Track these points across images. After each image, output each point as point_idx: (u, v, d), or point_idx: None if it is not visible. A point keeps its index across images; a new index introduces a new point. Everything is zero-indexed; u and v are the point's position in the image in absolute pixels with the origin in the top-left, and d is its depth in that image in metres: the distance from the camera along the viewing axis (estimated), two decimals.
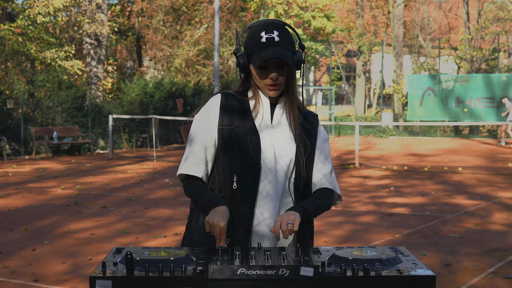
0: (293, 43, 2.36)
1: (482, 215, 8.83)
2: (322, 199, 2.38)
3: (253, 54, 2.32)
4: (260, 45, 2.30)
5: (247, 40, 2.37)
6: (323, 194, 2.41)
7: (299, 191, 2.37)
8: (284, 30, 2.34)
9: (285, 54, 2.29)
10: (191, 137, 2.43)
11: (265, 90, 2.36)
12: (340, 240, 7.22)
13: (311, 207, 2.30)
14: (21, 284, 5.51)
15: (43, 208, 9.52)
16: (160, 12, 30.22)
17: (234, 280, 1.86)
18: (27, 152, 19.33)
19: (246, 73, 2.40)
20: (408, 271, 1.93)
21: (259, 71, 2.33)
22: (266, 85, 2.34)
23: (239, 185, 2.33)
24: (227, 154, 2.35)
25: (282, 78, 2.33)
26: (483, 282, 5.52)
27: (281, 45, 2.30)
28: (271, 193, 2.33)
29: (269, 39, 2.30)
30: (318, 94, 34.86)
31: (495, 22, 31.39)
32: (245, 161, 2.33)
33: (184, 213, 9.11)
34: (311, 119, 2.47)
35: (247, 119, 2.37)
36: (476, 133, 28.65)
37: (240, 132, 2.35)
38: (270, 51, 2.28)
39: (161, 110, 23.38)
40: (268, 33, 2.31)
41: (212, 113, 2.40)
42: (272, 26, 2.33)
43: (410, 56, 36.95)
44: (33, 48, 23.12)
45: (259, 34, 2.32)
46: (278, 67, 2.32)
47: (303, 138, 2.39)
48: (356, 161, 15.69)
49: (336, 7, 36.56)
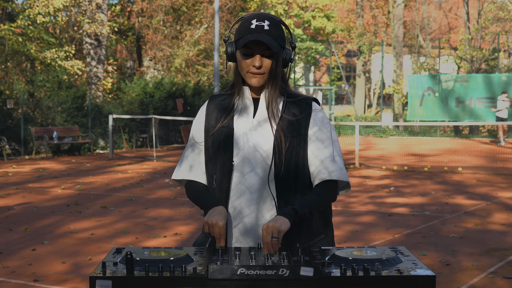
0: (283, 38, 2.34)
1: (482, 215, 8.83)
2: (320, 195, 2.28)
3: (240, 39, 2.31)
4: (249, 30, 2.29)
5: (238, 28, 2.36)
6: (322, 188, 2.30)
7: (283, 181, 2.30)
8: (276, 24, 2.32)
9: (271, 42, 2.26)
10: (188, 142, 2.49)
11: (248, 79, 2.33)
12: (340, 240, 7.21)
13: (304, 208, 2.21)
14: (21, 284, 5.51)
15: (43, 208, 9.52)
16: (160, 12, 30.22)
17: (234, 280, 1.86)
18: (27, 152, 19.33)
19: (233, 62, 2.39)
20: (408, 271, 1.93)
21: (244, 58, 2.31)
22: (248, 72, 2.31)
23: (217, 184, 2.35)
24: (207, 154, 2.39)
25: (266, 67, 2.30)
26: (483, 282, 5.52)
27: (269, 34, 2.28)
28: (249, 188, 2.30)
29: (258, 26, 2.29)
30: (318, 94, 34.88)
31: (495, 22, 31.39)
32: (220, 160, 2.34)
33: (184, 213, 9.12)
34: (304, 106, 2.37)
35: (227, 115, 2.38)
36: (476, 133, 28.65)
37: (217, 131, 2.37)
38: (256, 35, 2.26)
39: (161, 110, 23.38)
40: (259, 21, 2.30)
41: (201, 116, 2.46)
42: (265, 16, 2.32)
43: (410, 56, 36.95)
44: (33, 48, 23.12)
45: (250, 21, 2.31)
46: (264, 57, 2.29)
47: (290, 128, 2.32)
48: (356, 161, 15.69)
49: (336, 7, 36.57)
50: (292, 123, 2.33)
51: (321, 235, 2.40)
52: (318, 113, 2.38)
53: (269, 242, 2.09)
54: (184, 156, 2.47)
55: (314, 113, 2.37)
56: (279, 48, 2.31)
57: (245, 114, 2.37)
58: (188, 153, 2.46)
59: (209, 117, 2.42)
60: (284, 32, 2.36)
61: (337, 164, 2.33)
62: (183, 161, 2.46)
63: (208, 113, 2.43)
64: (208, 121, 2.42)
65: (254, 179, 2.31)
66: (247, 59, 2.30)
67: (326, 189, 2.31)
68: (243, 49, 2.30)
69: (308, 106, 2.38)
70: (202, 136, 2.42)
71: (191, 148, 2.45)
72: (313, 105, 2.39)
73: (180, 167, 2.46)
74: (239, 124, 2.36)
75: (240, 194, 2.31)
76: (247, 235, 2.32)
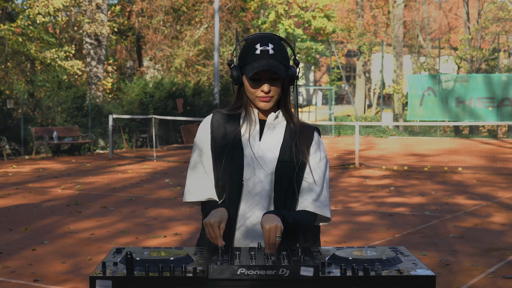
0: (287, 57, 2.37)
1: (482, 215, 8.83)
2: (302, 216, 2.34)
3: (246, 65, 2.33)
4: (254, 56, 2.31)
5: (242, 52, 2.38)
6: (304, 213, 2.36)
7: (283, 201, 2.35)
8: (279, 44, 2.35)
9: (278, 67, 2.29)
10: (191, 162, 2.46)
11: (257, 102, 2.36)
12: (340, 240, 7.22)
13: (290, 218, 2.27)
14: (21, 284, 5.51)
15: (43, 208, 9.52)
16: (160, 12, 30.23)
17: (234, 280, 1.86)
18: (27, 152, 19.33)
19: (239, 85, 2.40)
20: (408, 271, 1.93)
21: (252, 83, 2.33)
22: (257, 97, 2.34)
23: (227, 204, 2.36)
24: (216, 172, 2.39)
25: (274, 91, 2.33)
26: (483, 282, 5.52)
27: (274, 58, 2.31)
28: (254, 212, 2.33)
29: (263, 51, 2.31)
30: (318, 94, 34.90)
31: (495, 22, 31.40)
32: (229, 179, 2.35)
33: (184, 213, 9.12)
34: (307, 135, 2.42)
35: (235, 136, 2.38)
36: (476, 133, 28.66)
37: (226, 150, 2.37)
38: (263, 62, 2.28)
39: (161, 110, 23.39)
40: (263, 46, 2.32)
41: (205, 133, 2.44)
42: (267, 39, 2.34)
43: (410, 56, 36.96)
44: (33, 48, 23.12)
45: (254, 46, 2.33)
46: (271, 80, 2.32)
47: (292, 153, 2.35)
48: (356, 161, 15.70)
49: (336, 7, 36.57)
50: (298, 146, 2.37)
51: None
52: (320, 146, 2.44)
53: (273, 243, 2.12)
54: (190, 178, 2.45)
55: (316, 143, 2.43)
56: (286, 71, 2.34)
57: (252, 135, 2.39)
58: (195, 175, 2.44)
59: (215, 135, 2.41)
60: (287, 50, 2.39)
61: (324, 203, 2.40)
62: (192, 181, 2.44)
63: (213, 131, 2.42)
64: (214, 139, 2.41)
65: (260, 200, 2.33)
66: (255, 85, 2.33)
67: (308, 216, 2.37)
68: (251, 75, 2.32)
69: (311, 134, 2.43)
70: (209, 155, 2.40)
71: (196, 170, 2.44)
72: (315, 135, 2.44)
73: (191, 189, 2.45)
74: (248, 145, 2.37)
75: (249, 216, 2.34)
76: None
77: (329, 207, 2.43)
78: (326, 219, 2.45)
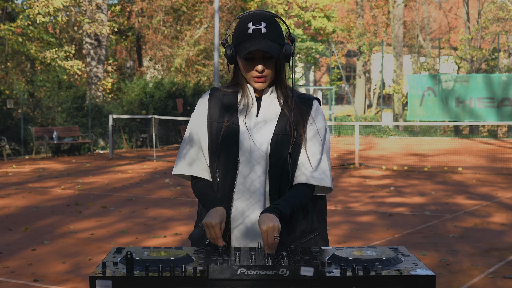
0: (281, 35, 2.32)
1: (482, 215, 8.83)
2: (299, 196, 2.30)
3: (239, 45, 2.29)
4: (246, 36, 2.27)
5: (235, 31, 2.34)
6: (300, 190, 2.32)
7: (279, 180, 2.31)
8: (272, 21, 2.30)
9: (271, 47, 2.25)
10: (186, 135, 2.45)
11: (252, 83, 2.33)
12: (340, 240, 7.22)
13: (287, 210, 2.24)
14: (21, 284, 5.51)
15: (43, 208, 9.52)
16: (160, 12, 30.22)
17: (234, 280, 1.86)
18: (27, 152, 19.33)
19: (234, 64, 2.39)
20: (408, 271, 1.93)
21: (245, 63, 2.30)
22: (252, 77, 2.32)
23: (221, 179, 2.34)
24: (211, 148, 2.37)
25: (268, 70, 2.30)
26: (483, 282, 5.52)
27: (267, 37, 2.26)
28: (250, 187, 2.30)
29: (255, 30, 2.26)
30: (318, 94, 34.87)
31: (495, 22, 31.40)
32: (225, 156, 2.33)
33: (184, 213, 9.12)
34: (305, 107, 2.38)
35: (232, 112, 2.37)
36: (476, 133, 28.66)
37: (223, 126, 2.35)
38: (255, 42, 2.24)
39: (161, 110, 23.39)
40: (255, 24, 2.27)
41: (202, 109, 2.42)
42: (260, 17, 2.29)
43: (410, 56, 36.95)
44: (33, 48, 23.11)
45: (246, 25, 2.28)
46: (265, 59, 2.28)
47: (290, 129, 2.32)
48: (356, 161, 15.70)
49: (336, 7, 36.56)
50: (292, 122, 2.34)
51: (315, 232, 2.42)
52: (318, 115, 2.39)
53: (272, 243, 2.11)
54: (182, 151, 2.43)
55: (314, 114, 2.38)
56: (279, 49, 2.31)
57: (249, 112, 2.37)
58: (187, 149, 2.42)
59: (212, 111, 2.40)
60: (281, 28, 2.35)
61: (325, 173, 2.35)
62: (184, 156, 2.43)
63: (210, 107, 2.41)
64: (210, 115, 2.39)
65: (254, 177, 2.31)
66: (249, 64, 2.30)
67: (304, 191, 2.33)
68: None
69: (308, 107, 2.39)
70: (205, 130, 2.39)
71: (190, 144, 2.42)
72: (313, 106, 2.40)
73: (181, 162, 2.43)
74: (244, 122, 2.35)
75: (243, 192, 2.31)
76: (247, 237, 2.33)
77: (329, 176, 2.37)
78: (327, 189, 2.41)
